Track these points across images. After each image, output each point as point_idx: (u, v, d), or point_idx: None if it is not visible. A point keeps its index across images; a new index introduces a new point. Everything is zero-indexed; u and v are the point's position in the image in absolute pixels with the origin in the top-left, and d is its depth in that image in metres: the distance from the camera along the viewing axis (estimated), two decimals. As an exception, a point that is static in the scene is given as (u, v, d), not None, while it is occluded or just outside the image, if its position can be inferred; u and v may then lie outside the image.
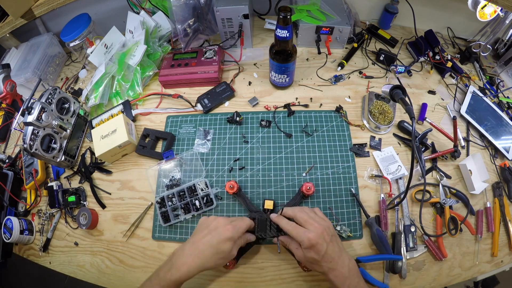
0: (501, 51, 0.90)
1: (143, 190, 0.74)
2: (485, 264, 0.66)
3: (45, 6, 0.85)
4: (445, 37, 1.00)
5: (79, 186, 0.77)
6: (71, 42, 0.92)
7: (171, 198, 0.70)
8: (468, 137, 0.79)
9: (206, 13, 0.82)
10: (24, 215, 0.77)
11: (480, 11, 0.78)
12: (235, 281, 0.63)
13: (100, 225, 0.72)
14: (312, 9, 0.87)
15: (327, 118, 0.79)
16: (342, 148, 0.75)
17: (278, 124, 0.79)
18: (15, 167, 0.83)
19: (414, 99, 0.84)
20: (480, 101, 0.84)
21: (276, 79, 0.81)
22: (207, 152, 0.76)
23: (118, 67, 0.84)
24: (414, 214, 0.68)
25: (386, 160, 0.73)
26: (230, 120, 0.79)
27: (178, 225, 0.68)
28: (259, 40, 0.97)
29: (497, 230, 0.67)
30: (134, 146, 0.77)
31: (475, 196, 0.71)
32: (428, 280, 0.63)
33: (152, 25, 0.88)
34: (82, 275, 0.69)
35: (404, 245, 0.63)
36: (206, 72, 0.84)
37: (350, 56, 0.92)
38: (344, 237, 0.65)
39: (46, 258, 0.72)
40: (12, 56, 0.99)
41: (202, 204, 0.68)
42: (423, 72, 0.90)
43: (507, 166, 0.74)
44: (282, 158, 0.74)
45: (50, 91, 0.75)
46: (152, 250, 0.68)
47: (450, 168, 0.74)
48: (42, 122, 0.70)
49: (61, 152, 0.76)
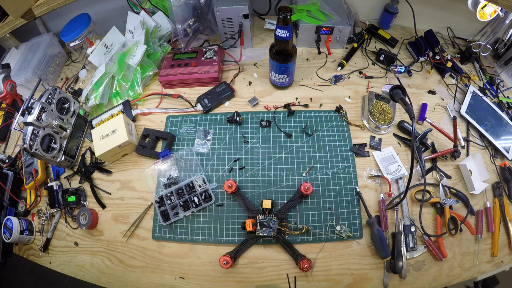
0: (501, 51, 0.90)
1: (143, 190, 0.74)
2: (485, 264, 0.66)
3: (45, 6, 0.84)
4: (445, 37, 1.00)
5: (79, 186, 0.77)
6: (71, 42, 0.92)
7: (169, 197, 0.70)
8: (468, 137, 0.79)
9: (206, 13, 0.82)
10: (24, 215, 0.77)
11: (480, 11, 0.78)
12: (235, 281, 0.64)
13: (100, 225, 0.72)
14: (312, 9, 0.87)
15: (327, 118, 0.79)
16: (342, 148, 0.75)
17: (278, 124, 0.79)
18: (15, 167, 0.83)
19: (414, 99, 0.84)
20: (480, 101, 0.84)
21: (276, 79, 0.81)
22: (207, 152, 0.76)
23: (118, 67, 0.84)
24: (414, 214, 0.68)
25: (386, 160, 0.73)
26: (230, 120, 0.79)
27: (178, 225, 0.68)
28: (259, 40, 0.97)
29: (497, 230, 0.67)
30: (134, 146, 0.77)
31: (475, 196, 0.71)
32: (428, 280, 0.63)
33: (152, 25, 0.88)
34: (82, 275, 0.69)
35: (404, 245, 0.63)
36: (206, 72, 0.84)
37: (350, 56, 0.91)
38: (344, 237, 0.65)
39: (46, 258, 0.72)
40: (12, 56, 0.99)
41: (201, 200, 0.69)
42: (423, 72, 0.90)
43: (507, 166, 0.74)
44: (282, 158, 0.74)
45: (50, 91, 0.75)
46: (152, 250, 0.68)
47: (450, 168, 0.74)
48: (42, 122, 0.70)
49: (61, 152, 0.76)
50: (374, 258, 0.64)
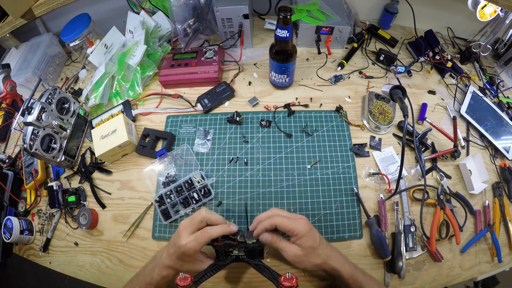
0: (501, 51, 0.90)
1: (143, 190, 0.74)
2: (485, 264, 0.66)
3: (45, 6, 0.84)
4: (445, 37, 1.00)
5: (79, 186, 0.77)
6: (71, 42, 0.91)
7: (169, 195, 0.70)
8: (468, 137, 0.79)
9: (206, 13, 0.82)
10: (24, 215, 0.77)
11: (480, 11, 0.78)
12: (235, 281, 0.63)
13: (100, 225, 0.72)
14: (312, 9, 0.87)
15: (327, 118, 0.79)
16: (342, 148, 0.75)
17: (278, 124, 0.79)
18: (15, 167, 0.83)
19: (414, 99, 0.84)
20: (480, 101, 0.84)
21: (276, 79, 0.81)
22: (207, 152, 0.76)
23: (118, 67, 0.84)
24: (415, 214, 0.68)
25: (386, 160, 0.73)
26: (230, 120, 0.79)
27: (178, 224, 0.68)
28: (259, 40, 0.97)
29: (497, 230, 0.67)
30: (134, 146, 0.77)
31: (474, 196, 0.71)
32: (428, 280, 0.63)
33: (152, 25, 0.88)
34: (82, 275, 0.69)
35: (403, 245, 0.63)
36: (206, 72, 0.84)
37: (350, 56, 0.91)
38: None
39: (46, 258, 0.72)
40: (12, 56, 0.99)
41: (201, 196, 0.69)
42: (423, 72, 0.90)
43: (507, 166, 0.74)
44: (282, 158, 0.74)
45: (50, 91, 0.75)
46: (152, 250, 0.68)
47: (450, 168, 0.74)
48: (42, 122, 0.70)
49: (61, 152, 0.76)
50: (374, 258, 0.64)
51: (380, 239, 0.62)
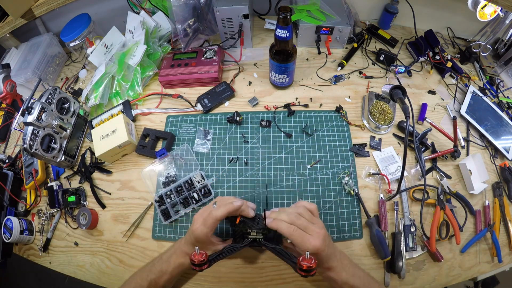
0: (501, 51, 0.90)
1: (143, 190, 0.74)
2: (485, 264, 0.66)
3: (45, 6, 0.84)
4: (445, 37, 1.00)
5: (79, 186, 0.77)
6: (71, 42, 0.91)
7: (169, 195, 0.70)
8: (468, 137, 0.79)
9: (206, 13, 0.82)
10: (24, 215, 0.77)
11: (480, 11, 0.78)
12: (235, 281, 0.63)
13: (100, 225, 0.72)
14: (312, 9, 0.87)
15: (327, 118, 0.79)
16: (342, 148, 0.75)
17: (278, 124, 0.79)
18: (15, 167, 0.83)
19: (414, 99, 0.84)
20: (480, 101, 0.84)
21: (276, 79, 0.81)
22: (207, 152, 0.76)
23: (118, 67, 0.84)
24: (415, 214, 0.68)
25: (386, 160, 0.73)
26: (230, 120, 0.79)
27: (178, 224, 0.68)
28: (259, 40, 0.97)
29: (497, 230, 0.67)
30: (134, 146, 0.77)
31: (474, 196, 0.71)
32: (428, 280, 0.63)
33: (152, 25, 0.88)
34: (82, 275, 0.69)
35: (403, 245, 0.63)
36: (206, 72, 0.84)
37: (350, 56, 0.91)
38: (346, 190, 0.68)
39: (46, 258, 0.72)
40: (12, 56, 0.99)
41: (201, 195, 0.69)
42: (423, 72, 0.90)
43: (507, 166, 0.74)
44: (282, 158, 0.74)
45: (50, 91, 0.75)
46: (152, 250, 0.68)
47: (450, 168, 0.74)
48: (42, 122, 0.70)
49: (61, 152, 0.76)
50: (374, 258, 0.64)
51: (380, 239, 0.62)
